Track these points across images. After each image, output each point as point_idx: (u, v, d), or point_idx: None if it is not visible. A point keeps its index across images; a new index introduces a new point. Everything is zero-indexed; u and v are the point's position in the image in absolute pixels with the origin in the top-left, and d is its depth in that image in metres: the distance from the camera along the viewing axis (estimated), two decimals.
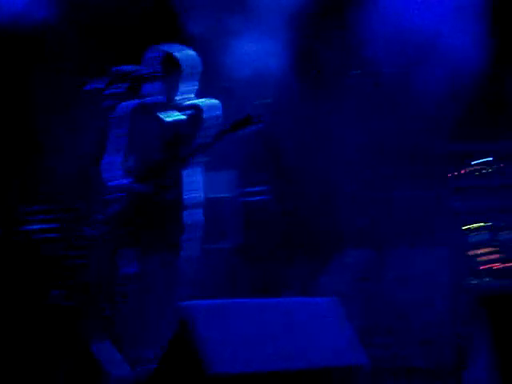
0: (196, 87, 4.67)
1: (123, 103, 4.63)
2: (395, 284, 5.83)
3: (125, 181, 4.52)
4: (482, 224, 5.90)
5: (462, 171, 5.98)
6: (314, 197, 6.19)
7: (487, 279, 5.83)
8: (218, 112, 4.58)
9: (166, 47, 4.63)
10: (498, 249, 5.85)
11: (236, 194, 6.45)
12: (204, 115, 4.52)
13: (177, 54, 4.58)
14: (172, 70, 4.55)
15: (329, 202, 6.13)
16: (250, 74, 6.14)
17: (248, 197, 6.48)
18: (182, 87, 4.61)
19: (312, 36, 6.36)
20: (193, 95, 4.66)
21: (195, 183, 4.53)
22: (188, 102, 4.61)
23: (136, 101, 4.66)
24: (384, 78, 6.34)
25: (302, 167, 6.26)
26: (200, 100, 4.62)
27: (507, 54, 6.23)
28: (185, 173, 4.48)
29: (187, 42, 4.96)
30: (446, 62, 6.19)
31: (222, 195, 6.31)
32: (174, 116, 4.54)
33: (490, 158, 5.96)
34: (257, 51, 6.17)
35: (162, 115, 4.54)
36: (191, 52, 4.66)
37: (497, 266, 5.81)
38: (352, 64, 6.40)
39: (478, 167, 5.97)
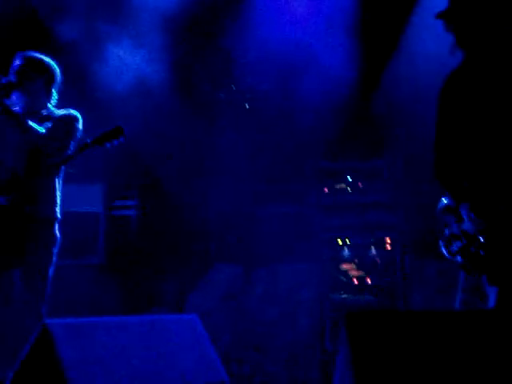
0: (56, 97, 4.54)
1: None
2: (262, 300, 5.87)
3: None
4: (345, 241, 6.06)
5: (326, 189, 6.11)
6: (184, 213, 6.15)
7: (350, 295, 5.98)
8: (78, 123, 4.46)
9: (29, 55, 4.46)
10: (359, 265, 6.01)
11: (103, 208, 6.31)
12: (65, 126, 4.38)
13: (39, 63, 4.43)
14: (33, 79, 4.40)
15: (198, 218, 6.10)
16: (121, 86, 6.05)
17: (115, 211, 6.35)
18: (44, 97, 4.47)
19: (188, 52, 6.34)
20: (54, 105, 4.52)
21: (55, 197, 4.37)
22: (49, 113, 4.46)
23: None
24: (257, 96, 6.40)
25: (171, 182, 6.21)
26: (61, 111, 4.48)
27: (373, 75, 6.47)
28: (45, 185, 4.33)
29: (56, 51, 4.81)
30: (318, 80, 6.35)
31: (88, 209, 6.16)
32: (34, 127, 4.36)
33: (351, 177, 6.13)
34: (129, 63, 6.09)
35: (22, 125, 4.36)
36: (51, 62, 4.52)
37: (357, 282, 5.97)
38: (226, 81, 6.43)
39: (341, 186, 6.13)
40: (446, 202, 4.00)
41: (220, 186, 6.13)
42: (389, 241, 6.04)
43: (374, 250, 6.05)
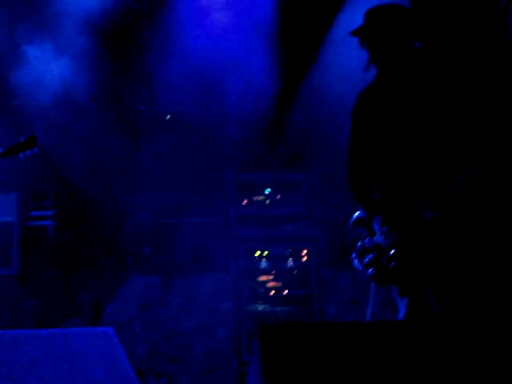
0: None
1: None
2: (180, 311, 5.86)
3: None
4: (263, 252, 6.11)
5: (245, 201, 6.16)
6: (102, 223, 6.08)
7: (267, 306, 6.04)
8: None
9: None
10: (276, 276, 6.08)
11: (18, 218, 6.17)
12: None
13: None
14: None
15: (116, 229, 6.05)
16: (41, 94, 5.95)
17: (31, 221, 6.22)
18: None
19: (110, 63, 6.28)
20: None
21: None
22: None
23: None
24: (179, 108, 6.40)
25: (90, 193, 6.13)
26: None
27: (292, 88, 6.56)
28: None
29: None
30: (238, 92, 6.40)
31: (2, 219, 6.02)
32: None
33: (269, 189, 6.20)
34: (51, 71, 6.00)
35: None
36: None
37: (274, 293, 6.04)
38: (146, 95, 6.40)
39: (260, 198, 6.19)
40: (358, 214, 4.10)
41: (140, 197, 6.10)
42: (305, 252, 6.13)
43: (291, 262, 6.13)
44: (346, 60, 6.04)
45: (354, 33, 3.95)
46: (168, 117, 6.36)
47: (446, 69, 4.03)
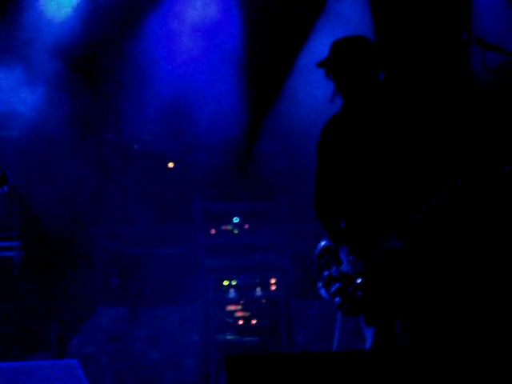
0: None
1: None
2: (146, 343, 5.80)
3: None
4: (231, 282, 6.09)
5: (213, 230, 6.14)
6: (68, 255, 6.01)
7: (235, 336, 6.00)
8: None
9: None
10: (244, 306, 6.05)
11: None
12: None
13: None
14: None
15: (83, 260, 5.98)
16: (7, 125, 5.92)
17: None
18: None
19: (78, 89, 6.26)
20: None
21: None
22: None
23: None
24: (147, 137, 6.38)
25: (55, 223, 6.07)
26: None
27: (261, 116, 6.59)
28: None
29: None
30: (207, 120, 6.41)
31: None
32: None
33: (237, 218, 6.19)
34: (18, 103, 5.97)
35: None
36: None
37: (243, 323, 6.00)
38: (114, 124, 6.38)
39: (228, 227, 6.17)
40: (324, 243, 4.11)
41: (106, 227, 6.05)
42: (274, 281, 6.11)
43: (259, 291, 6.11)
44: (313, 89, 6.09)
45: (320, 64, 4.01)
46: (136, 146, 6.34)
47: (411, 100, 4.10)
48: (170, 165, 6.27)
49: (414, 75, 6.28)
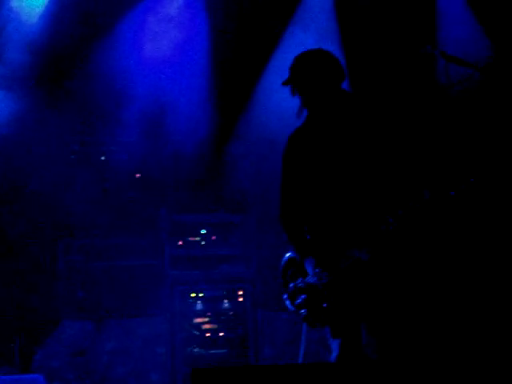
0: None
1: None
2: (113, 356, 5.73)
3: None
4: (198, 294, 6.04)
5: (180, 242, 6.11)
6: (31, 267, 5.92)
7: (203, 349, 5.96)
8: None
9: None
10: (212, 318, 6.01)
11: None
12: None
13: None
14: None
15: (45, 273, 5.90)
16: None
17: None
18: None
19: (44, 99, 6.20)
20: None
21: None
22: None
23: None
24: (114, 147, 6.33)
25: (19, 234, 5.98)
26: None
27: (227, 132, 6.58)
28: None
29: None
30: (174, 132, 6.38)
31: None
32: None
33: (205, 230, 6.17)
34: None
35: None
36: None
37: (210, 335, 5.97)
38: (80, 134, 6.31)
39: (195, 238, 6.14)
40: (290, 255, 4.11)
41: (70, 240, 5.97)
42: (241, 293, 6.09)
43: (226, 303, 6.07)
44: (283, 97, 6.09)
45: (285, 83, 4.05)
46: (103, 157, 6.29)
47: (377, 111, 4.12)
48: (137, 175, 6.23)
49: (380, 86, 6.33)
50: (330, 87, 3.97)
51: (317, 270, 3.90)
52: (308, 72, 3.97)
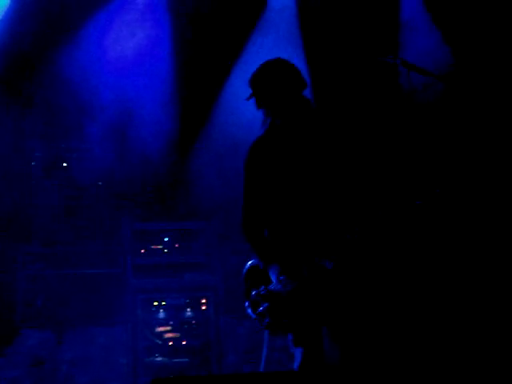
0: None
1: None
2: (73, 365, 5.65)
3: None
4: (161, 302, 5.99)
5: (143, 250, 6.05)
6: None
7: (165, 358, 5.90)
8: None
9: None
10: (174, 327, 5.96)
11: None
12: None
13: None
14: None
15: (4, 280, 5.79)
16: None
17: None
18: None
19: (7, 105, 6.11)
20: None
21: None
22: None
23: None
24: (77, 154, 6.25)
25: None
26: None
27: (191, 139, 6.56)
28: None
29: None
30: (136, 140, 6.34)
31: None
32: None
33: (168, 238, 6.12)
34: None
35: None
36: None
37: (173, 344, 5.91)
38: (40, 138, 6.23)
39: (158, 246, 6.09)
40: (252, 262, 4.09)
41: (29, 248, 5.87)
42: (204, 301, 6.05)
43: (189, 311, 6.03)
44: (245, 107, 6.08)
45: (248, 98, 4.06)
46: (65, 164, 6.21)
47: (340, 120, 4.14)
48: (99, 183, 6.16)
49: (343, 95, 6.36)
50: (290, 96, 3.97)
51: (281, 277, 3.89)
52: (268, 82, 3.98)
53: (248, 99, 4.06)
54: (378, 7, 6.57)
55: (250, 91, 4.09)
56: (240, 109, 6.29)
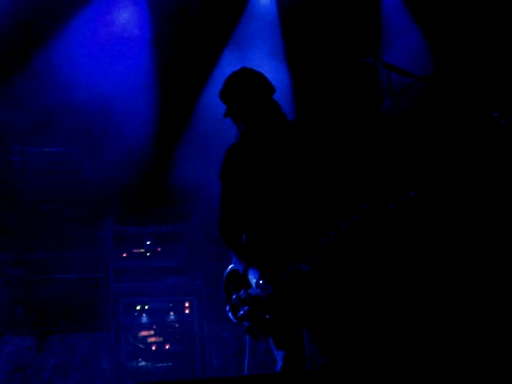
0: None
1: None
2: (55, 372, 5.59)
3: None
4: (144, 306, 5.95)
5: (125, 254, 6.00)
6: None
7: (148, 363, 5.86)
8: None
9: None
10: (157, 331, 5.91)
11: None
12: None
13: None
14: None
15: None
16: None
17: None
18: None
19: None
20: None
21: None
22: None
23: None
24: (57, 158, 6.21)
25: None
26: None
27: (173, 135, 6.52)
28: None
29: None
30: (117, 142, 6.29)
31: None
32: None
33: (150, 241, 6.08)
34: None
35: None
36: None
37: (156, 348, 5.87)
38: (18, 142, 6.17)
39: (140, 250, 6.04)
40: (232, 267, 4.07)
41: (11, 253, 5.81)
42: (187, 305, 6.00)
43: (172, 315, 5.98)
44: (222, 111, 6.05)
45: (225, 115, 4.09)
46: (47, 168, 6.16)
47: (317, 123, 4.15)
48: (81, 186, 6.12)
49: (324, 95, 6.36)
50: (258, 101, 3.99)
51: (261, 281, 3.88)
52: (235, 93, 4.02)
53: (225, 116, 4.10)
54: (358, 9, 6.58)
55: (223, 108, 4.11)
56: (219, 112, 6.27)
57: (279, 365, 3.92)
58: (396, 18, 6.62)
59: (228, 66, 6.36)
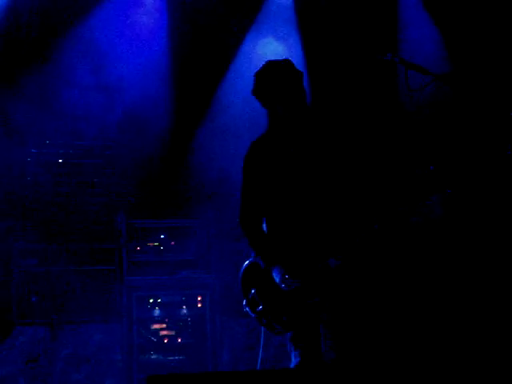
0: None
1: None
2: (68, 363, 5.62)
3: None
4: (157, 300, 5.96)
5: (138, 247, 6.01)
6: None
7: (160, 356, 5.87)
8: None
9: None
10: (170, 324, 5.92)
11: None
12: None
13: None
14: None
15: None
16: None
17: None
18: None
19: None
20: None
21: None
22: None
23: None
24: (69, 152, 6.22)
25: None
26: None
27: (188, 132, 6.53)
28: None
29: None
30: (132, 137, 6.31)
31: None
32: None
33: (164, 235, 6.09)
34: None
35: None
36: None
37: (168, 341, 5.88)
38: (36, 135, 6.19)
39: (154, 243, 6.05)
40: (250, 260, 4.06)
41: (24, 245, 5.82)
42: (200, 299, 6.01)
43: (185, 309, 5.99)
44: (243, 105, 6.06)
45: (254, 93, 4.01)
46: (60, 160, 6.18)
47: (340, 122, 4.13)
48: (95, 179, 6.14)
49: (341, 94, 6.35)
50: (296, 99, 3.95)
51: (287, 276, 3.87)
52: (277, 83, 3.93)
53: (254, 93, 4.01)
54: (376, 5, 6.56)
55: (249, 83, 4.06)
56: (238, 106, 6.27)
57: (295, 360, 3.92)
58: (413, 16, 6.61)
59: (245, 59, 6.39)
